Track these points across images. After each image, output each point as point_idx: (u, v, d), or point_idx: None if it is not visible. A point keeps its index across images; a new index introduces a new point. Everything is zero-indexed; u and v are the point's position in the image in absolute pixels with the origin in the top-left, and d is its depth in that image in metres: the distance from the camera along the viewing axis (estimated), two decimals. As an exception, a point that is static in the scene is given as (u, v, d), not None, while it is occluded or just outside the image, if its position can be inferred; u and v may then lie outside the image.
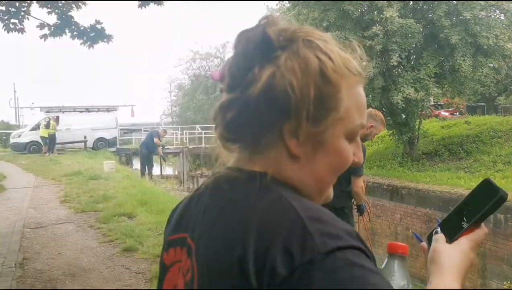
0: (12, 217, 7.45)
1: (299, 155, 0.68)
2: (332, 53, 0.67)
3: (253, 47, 0.67)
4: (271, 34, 0.67)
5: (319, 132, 0.67)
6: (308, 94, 0.65)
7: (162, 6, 6.75)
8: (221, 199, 0.70)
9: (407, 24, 11.96)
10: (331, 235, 0.60)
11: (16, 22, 6.49)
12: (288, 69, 0.65)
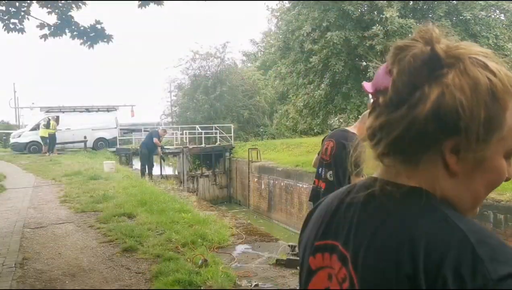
0: (12, 217, 7.45)
1: (458, 171, 0.68)
2: (498, 71, 0.67)
3: (420, 64, 0.68)
4: (440, 52, 0.69)
5: (482, 150, 0.67)
6: (478, 114, 0.65)
7: (162, 6, 6.75)
8: (379, 212, 0.70)
9: (407, 24, 11.97)
10: (500, 261, 0.60)
11: (16, 22, 6.49)
12: (457, 88, 0.65)
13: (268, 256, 5.24)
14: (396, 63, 0.71)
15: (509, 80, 0.68)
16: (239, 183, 22.76)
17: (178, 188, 14.52)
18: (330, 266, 0.76)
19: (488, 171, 0.70)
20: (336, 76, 13.09)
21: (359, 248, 0.70)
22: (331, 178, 3.97)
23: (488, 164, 0.69)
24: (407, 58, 0.69)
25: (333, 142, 4.06)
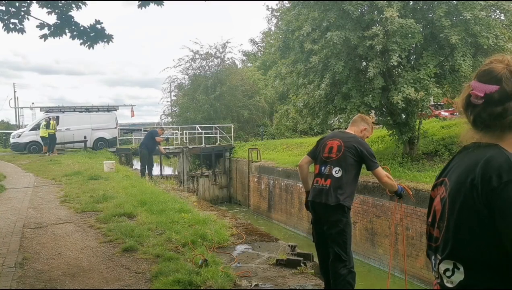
0: (12, 217, 7.45)
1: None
2: None
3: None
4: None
5: None
6: None
7: (162, 6, 6.74)
8: (467, 154, 1.27)
9: (407, 24, 11.95)
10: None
11: (16, 22, 6.48)
12: None
13: (268, 256, 5.25)
14: (501, 76, 1.21)
15: None
16: (239, 183, 22.77)
17: (178, 188, 14.52)
18: (440, 193, 1.31)
19: None
20: (336, 76, 13.07)
21: (452, 175, 1.28)
22: (338, 174, 4.02)
23: None
24: (504, 71, 1.22)
25: (340, 142, 4.11)
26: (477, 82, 1.23)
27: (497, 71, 1.22)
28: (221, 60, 31.47)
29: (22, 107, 37.63)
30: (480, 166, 1.16)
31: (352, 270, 3.99)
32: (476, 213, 1.14)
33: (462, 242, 1.16)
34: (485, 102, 1.21)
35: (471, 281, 1.15)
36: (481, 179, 1.14)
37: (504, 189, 1.09)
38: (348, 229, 4.06)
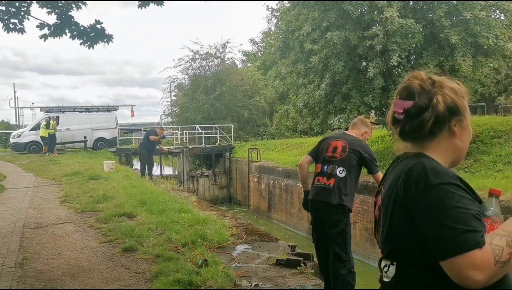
0: (12, 217, 7.45)
1: (457, 133, 1.37)
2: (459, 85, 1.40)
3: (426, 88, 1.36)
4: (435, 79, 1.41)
5: (464, 120, 1.38)
6: (462, 103, 1.38)
7: (162, 6, 6.75)
8: (397, 164, 1.40)
9: (407, 24, 11.94)
10: (439, 177, 1.23)
11: (16, 22, 6.48)
12: (450, 94, 1.36)
13: (268, 256, 5.25)
14: (416, 91, 1.36)
15: (459, 86, 1.39)
16: (239, 183, 22.76)
17: (178, 188, 14.52)
18: (378, 201, 1.45)
19: (468, 132, 1.40)
20: (336, 76, 13.07)
21: (385, 183, 1.42)
22: (342, 174, 4.02)
23: (467, 128, 1.40)
24: (418, 86, 1.37)
25: (344, 143, 4.12)
26: (398, 100, 1.39)
27: (411, 87, 1.37)
28: (221, 60, 31.47)
29: (22, 107, 37.63)
30: (402, 177, 1.31)
31: (352, 270, 3.99)
32: (403, 218, 1.29)
33: (394, 244, 1.33)
34: (405, 117, 1.36)
35: (401, 275, 1.32)
36: (403, 188, 1.29)
37: (421, 196, 1.23)
38: (348, 229, 4.07)
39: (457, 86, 1.39)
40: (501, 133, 13.34)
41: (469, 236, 1.15)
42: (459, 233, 1.15)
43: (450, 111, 1.34)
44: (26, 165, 16.23)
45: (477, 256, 1.14)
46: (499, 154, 11.83)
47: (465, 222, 1.16)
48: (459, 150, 1.40)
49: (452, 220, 1.17)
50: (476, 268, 1.13)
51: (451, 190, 1.21)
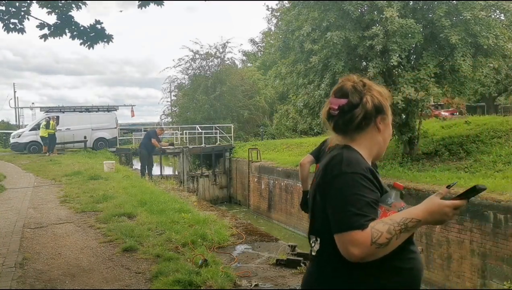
0: (12, 217, 7.45)
1: (382, 129, 1.62)
2: (383, 89, 1.67)
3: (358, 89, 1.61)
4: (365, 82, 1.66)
5: (387, 118, 1.64)
6: (386, 103, 1.63)
7: (162, 6, 6.75)
8: (327, 155, 1.61)
9: (407, 24, 11.94)
10: (351, 167, 1.46)
11: (16, 22, 6.48)
12: (376, 95, 1.61)
13: (268, 256, 5.25)
14: (349, 91, 1.60)
15: (383, 89, 1.65)
16: (239, 183, 22.76)
17: (178, 188, 14.51)
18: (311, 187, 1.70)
19: (389, 129, 1.66)
20: (336, 76, 13.06)
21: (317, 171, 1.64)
22: None
23: (388, 125, 1.65)
24: (351, 86, 1.61)
25: None
26: (334, 98, 1.62)
27: (346, 88, 1.61)
28: (221, 60, 31.47)
29: (22, 107, 37.66)
30: (324, 165, 1.56)
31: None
32: (321, 201, 1.52)
33: (318, 222, 1.57)
34: (339, 113, 1.58)
35: (324, 249, 1.54)
36: (322, 175, 1.53)
37: (333, 181, 1.47)
38: None
39: (382, 89, 1.66)
40: (501, 133, 13.35)
41: (356, 218, 1.40)
42: (349, 215, 1.41)
43: (376, 110, 1.59)
44: (26, 165, 16.23)
45: (357, 236, 1.38)
46: (499, 154, 11.83)
47: (358, 207, 1.41)
48: (382, 144, 1.66)
49: (348, 203, 1.42)
50: (354, 245, 1.38)
51: (356, 179, 1.45)
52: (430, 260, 10.18)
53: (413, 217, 1.43)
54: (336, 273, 1.51)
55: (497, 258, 8.57)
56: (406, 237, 1.44)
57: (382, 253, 1.40)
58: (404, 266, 1.50)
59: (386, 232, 1.39)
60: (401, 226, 1.41)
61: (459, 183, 10.19)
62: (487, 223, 8.73)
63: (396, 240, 1.40)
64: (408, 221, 1.42)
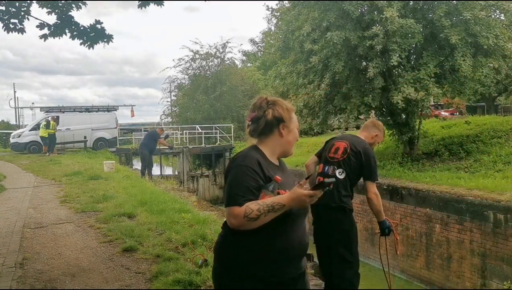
0: (12, 217, 7.45)
1: (284, 135, 2.13)
2: (286, 102, 2.20)
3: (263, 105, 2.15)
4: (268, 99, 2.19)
5: (290, 126, 2.15)
6: (288, 114, 2.15)
7: (162, 6, 6.74)
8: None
9: (407, 24, 11.94)
10: (243, 161, 2.02)
11: (16, 22, 6.47)
12: (279, 109, 2.14)
13: (268, 256, 5.23)
14: (256, 107, 2.13)
15: (286, 104, 2.16)
16: (239, 183, 22.73)
17: (178, 188, 14.50)
18: None
19: (292, 133, 2.16)
20: (336, 76, 13.06)
21: None
22: (341, 175, 3.99)
23: (291, 131, 2.15)
24: (258, 103, 2.14)
25: (346, 144, 4.08)
26: (250, 112, 2.15)
27: (256, 104, 2.15)
28: (221, 60, 31.47)
29: (22, 107, 37.72)
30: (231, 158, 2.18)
31: (357, 272, 3.95)
32: (225, 183, 2.10)
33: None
34: (252, 122, 2.13)
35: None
36: (228, 164, 2.12)
37: (230, 170, 2.04)
38: (353, 230, 4.01)
39: (287, 104, 2.17)
40: (501, 133, 13.35)
41: (236, 197, 1.92)
42: (232, 194, 1.94)
43: (276, 120, 2.10)
44: (26, 165, 16.23)
45: (235, 210, 1.89)
46: (499, 154, 11.84)
47: (240, 190, 1.93)
48: (285, 145, 2.16)
49: (234, 186, 1.95)
50: (232, 216, 1.91)
51: (244, 169, 1.97)
52: (430, 260, 10.18)
53: (279, 201, 1.89)
54: (226, 237, 2.05)
55: (497, 258, 8.57)
56: (274, 216, 1.89)
57: (254, 225, 1.89)
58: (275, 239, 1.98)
59: (256, 210, 1.86)
60: (269, 207, 1.88)
61: (459, 183, 10.21)
62: (487, 223, 8.73)
63: (265, 217, 1.88)
64: (275, 204, 1.88)
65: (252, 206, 1.87)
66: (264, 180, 1.97)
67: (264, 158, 2.07)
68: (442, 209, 9.73)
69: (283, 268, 1.99)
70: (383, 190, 11.32)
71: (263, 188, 1.95)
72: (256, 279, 1.96)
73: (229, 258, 2.02)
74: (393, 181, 11.57)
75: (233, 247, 2.01)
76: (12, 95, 42.36)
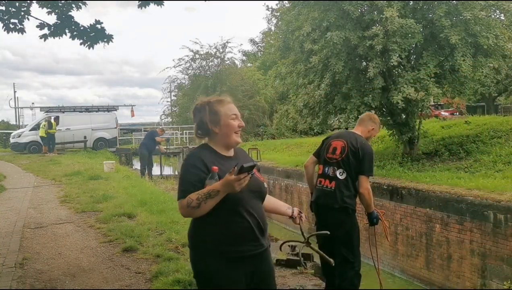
0: (12, 217, 7.45)
1: (217, 132, 2.37)
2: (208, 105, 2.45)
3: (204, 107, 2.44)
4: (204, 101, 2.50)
5: (220, 122, 2.37)
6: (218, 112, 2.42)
7: (162, 6, 6.74)
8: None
9: (407, 24, 11.93)
10: (188, 158, 2.35)
11: (16, 22, 6.47)
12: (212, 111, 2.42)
13: (268, 256, 5.23)
14: (193, 115, 2.46)
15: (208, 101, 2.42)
16: (239, 183, 22.74)
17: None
18: None
19: (226, 126, 2.35)
20: (336, 76, 13.06)
21: None
22: (342, 176, 3.97)
23: (226, 123, 2.36)
24: (199, 106, 2.42)
25: (344, 143, 4.05)
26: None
27: (192, 111, 2.49)
28: (221, 60, 31.49)
29: (22, 107, 37.76)
30: None
31: (358, 272, 3.95)
32: None
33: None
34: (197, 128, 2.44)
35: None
36: None
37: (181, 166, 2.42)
38: (355, 231, 4.00)
39: (211, 102, 2.41)
40: (501, 133, 13.34)
41: (182, 192, 2.22)
42: (179, 190, 2.25)
43: (202, 123, 2.37)
44: (26, 165, 16.23)
45: (181, 203, 2.21)
46: (499, 154, 11.83)
47: (184, 185, 2.23)
48: (225, 138, 2.37)
49: (180, 183, 2.26)
50: (180, 208, 2.23)
51: (187, 166, 2.27)
52: (430, 260, 10.18)
53: (214, 189, 2.14)
54: (194, 225, 2.36)
55: (497, 258, 8.57)
56: (214, 202, 2.15)
57: (198, 212, 2.18)
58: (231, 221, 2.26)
59: (196, 199, 2.14)
60: (206, 195, 2.14)
61: (459, 183, 10.21)
62: (487, 223, 8.73)
63: (205, 204, 2.15)
64: (211, 191, 2.14)
65: (192, 196, 2.16)
66: (207, 173, 2.22)
67: (213, 153, 2.34)
68: (442, 209, 9.73)
69: (242, 246, 2.26)
70: (383, 190, 11.32)
71: (206, 180, 2.20)
72: (218, 255, 2.25)
73: (196, 240, 2.34)
74: (393, 181, 11.57)
75: (198, 231, 2.32)
76: (12, 95, 42.43)
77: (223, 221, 2.24)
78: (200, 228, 2.30)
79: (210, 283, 2.27)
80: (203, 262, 2.29)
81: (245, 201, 2.27)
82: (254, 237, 2.30)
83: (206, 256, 2.27)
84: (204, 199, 2.14)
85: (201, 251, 2.30)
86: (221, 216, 2.23)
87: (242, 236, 2.27)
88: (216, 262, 2.25)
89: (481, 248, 8.88)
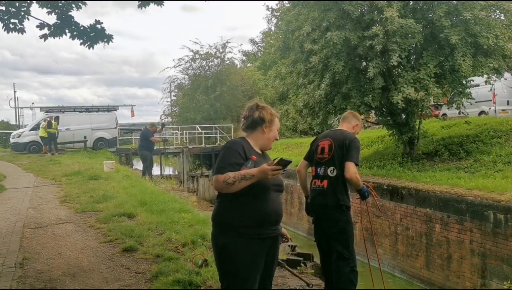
0: (12, 217, 7.45)
1: (266, 132, 2.86)
2: (270, 108, 2.96)
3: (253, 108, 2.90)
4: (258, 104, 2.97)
5: (271, 126, 2.89)
6: (270, 118, 2.89)
7: (162, 6, 6.74)
8: None
9: (407, 24, 11.93)
10: (229, 143, 2.82)
11: (16, 22, 6.47)
12: (264, 112, 2.87)
13: (268, 256, 5.23)
14: (248, 109, 2.89)
15: (271, 110, 2.92)
16: (239, 183, 22.70)
17: (178, 188, 14.50)
18: None
19: (272, 132, 2.89)
20: (336, 76, 13.05)
21: None
22: (333, 173, 4.03)
23: (271, 131, 2.88)
24: (250, 106, 2.91)
25: (330, 141, 4.12)
26: (245, 112, 2.88)
27: (249, 105, 2.89)
28: (221, 60, 31.46)
29: (22, 107, 37.71)
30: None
31: (354, 269, 4.00)
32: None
33: None
34: (244, 119, 2.84)
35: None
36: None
37: (221, 149, 2.76)
38: (349, 228, 4.06)
39: (271, 110, 2.89)
40: (501, 133, 13.34)
41: (221, 169, 2.57)
42: (218, 167, 2.60)
43: (260, 119, 2.79)
44: (26, 165, 16.24)
45: (218, 177, 2.53)
46: (499, 154, 11.82)
47: (224, 163, 2.59)
48: (265, 140, 2.84)
49: (220, 161, 2.62)
50: (216, 181, 2.55)
51: (229, 150, 2.66)
52: (430, 260, 10.18)
53: (250, 172, 2.51)
54: (220, 203, 2.71)
55: (497, 258, 8.57)
56: (246, 183, 2.51)
57: (232, 189, 2.52)
58: (255, 206, 2.63)
59: (232, 177, 2.50)
60: (242, 176, 2.50)
61: (459, 183, 10.22)
62: (487, 223, 8.73)
63: (239, 183, 2.50)
64: (247, 174, 2.51)
65: (230, 174, 2.52)
66: (245, 160, 2.62)
67: (249, 145, 2.75)
68: (442, 209, 9.73)
69: (262, 229, 2.64)
70: (383, 190, 11.32)
71: (244, 165, 2.59)
72: (240, 234, 2.60)
73: (221, 218, 2.68)
74: (393, 181, 11.56)
75: (224, 210, 2.67)
76: (12, 95, 42.53)
77: (249, 205, 2.61)
78: (230, 209, 2.64)
79: (236, 256, 2.58)
80: (229, 238, 2.61)
81: (269, 191, 2.67)
82: (272, 222, 2.69)
83: (231, 234, 2.61)
84: (239, 179, 2.50)
85: (227, 229, 2.63)
86: (247, 201, 2.60)
87: (264, 220, 2.65)
88: (242, 240, 2.59)
89: (481, 248, 8.88)
